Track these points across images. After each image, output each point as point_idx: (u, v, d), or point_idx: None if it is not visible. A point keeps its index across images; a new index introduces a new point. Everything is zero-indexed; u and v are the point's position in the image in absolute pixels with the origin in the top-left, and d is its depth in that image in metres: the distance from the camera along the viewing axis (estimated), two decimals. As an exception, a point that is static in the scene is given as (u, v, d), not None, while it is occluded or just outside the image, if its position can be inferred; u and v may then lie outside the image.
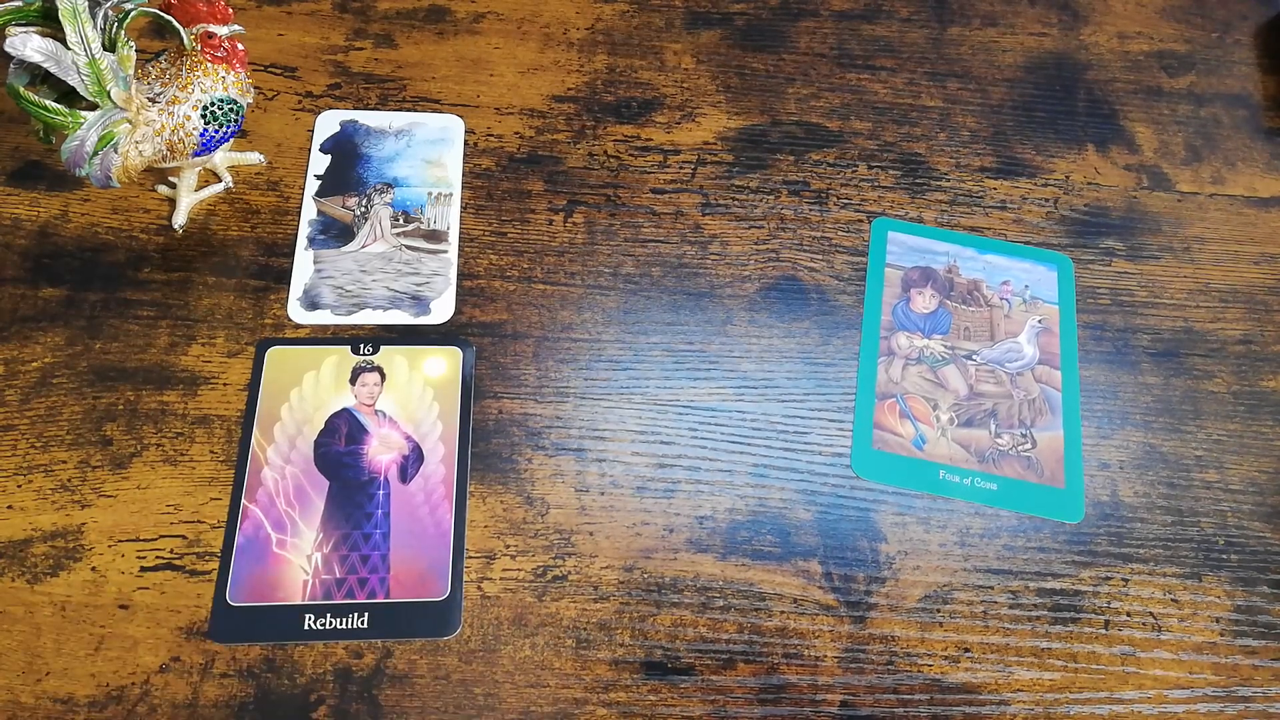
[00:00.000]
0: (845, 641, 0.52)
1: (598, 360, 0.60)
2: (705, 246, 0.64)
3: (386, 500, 0.53)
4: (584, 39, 0.73)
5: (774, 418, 0.58)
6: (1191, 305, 0.64)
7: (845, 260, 0.65)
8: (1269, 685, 0.52)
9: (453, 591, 0.51)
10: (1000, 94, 0.73)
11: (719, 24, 0.75)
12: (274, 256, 0.61)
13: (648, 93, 0.71)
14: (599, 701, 0.50)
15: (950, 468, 0.57)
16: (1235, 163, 0.71)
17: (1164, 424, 0.60)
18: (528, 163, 0.67)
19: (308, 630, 0.50)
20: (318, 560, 0.51)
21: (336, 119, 0.67)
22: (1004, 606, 0.54)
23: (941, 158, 0.69)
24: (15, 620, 0.50)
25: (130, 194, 0.63)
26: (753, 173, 0.68)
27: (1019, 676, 0.52)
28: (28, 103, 0.51)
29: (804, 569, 0.54)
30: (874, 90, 0.72)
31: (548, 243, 0.64)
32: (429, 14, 0.73)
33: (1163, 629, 0.54)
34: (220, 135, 0.58)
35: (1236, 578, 0.55)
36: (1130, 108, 0.73)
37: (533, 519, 0.54)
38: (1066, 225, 0.67)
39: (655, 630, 0.52)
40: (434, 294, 0.61)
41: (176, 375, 0.57)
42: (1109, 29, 0.77)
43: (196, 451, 0.54)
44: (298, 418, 0.56)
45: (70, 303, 0.59)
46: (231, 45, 0.57)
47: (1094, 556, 0.55)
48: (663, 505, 0.55)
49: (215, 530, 0.52)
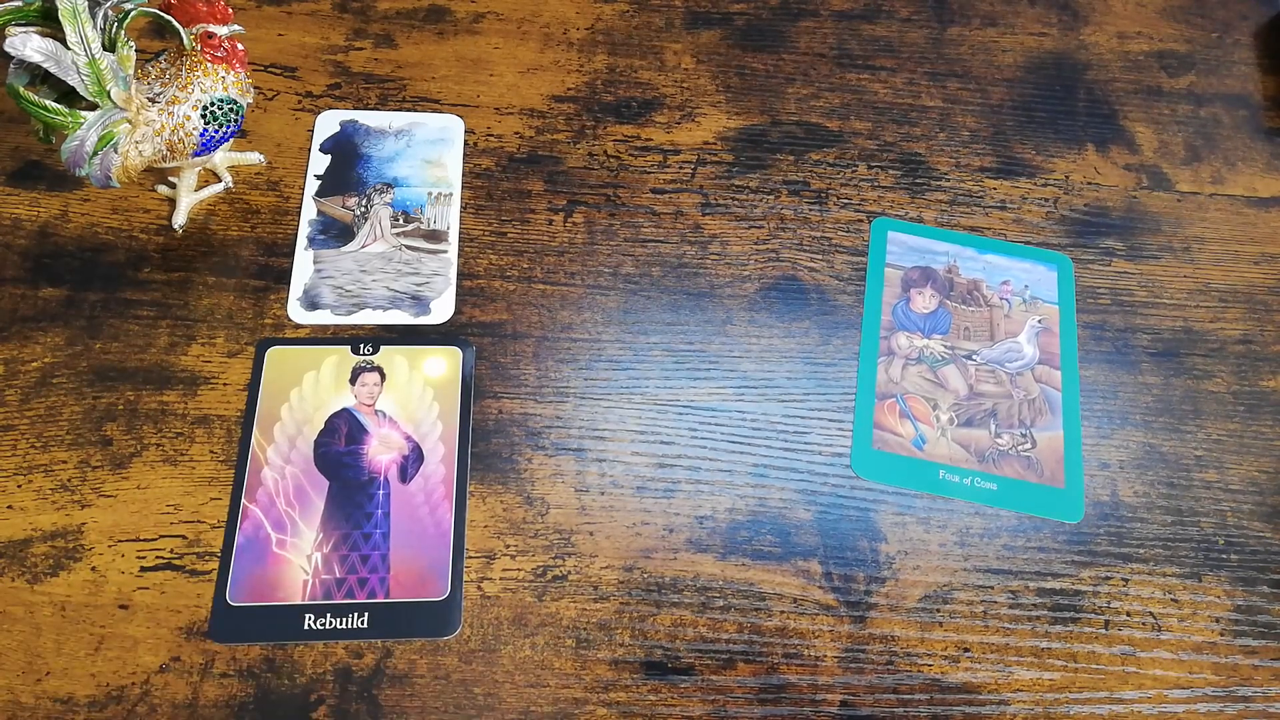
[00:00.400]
0: (845, 641, 0.52)
1: (598, 360, 0.60)
2: (705, 246, 0.64)
3: (386, 500, 0.53)
4: (584, 39, 0.73)
5: (774, 418, 0.58)
6: (1191, 305, 0.64)
7: (845, 260, 0.65)
8: (1269, 685, 0.52)
9: (453, 591, 0.51)
10: (1000, 94, 0.73)
11: (719, 24, 0.75)
12: (274, 256, 0.61)
13: (648, 93, 0.71)
14: (599, 701, 0.50)
15: (950, 468, 0.57)
16: (1235, 163, 0.71)
17: (1164, 424, 0.60)
18: (528, 163, 0.67)
19: (308, 630, 0.50)
20: (318, 560, 0.51)
21: (336, 119, 0.67)
22: (1004, 606, 0.54)
23: (941, 158, 0.69)
24: (15, 620, 0.50)
25: (130, 194, 0.63)
26: (753, 173, 0.68)
27: (1019, 676, 0.52)
28: (28, 103, 0.51)
29: (804, 569, 0.54)
30: (874, 90, 0.72)
31: (548, 243, 0.64)
32: (429, 14, 0.73)
33: (1163, 629, 0.54)
34: (220, 135, 0.58)
35: (1236, 578, 0.55)
36: (1130, 108, 0.73)
37: (533, 519, 0.54)
38: (1066, 225, 0.67)
39: (655, 630, 0.52)
40: (434, 294, 0.61)
41: (176, 375, 0.57)
42: (1109, 29, 0.77)
43: (196, 451, 0.54)
44: (298, 418, 0.56)
45: (70, 303, 0.59)
46: (231, 45, 0.57)
47: (1094, 556, 0.55)
48: (663, 505, 0.55)
49: (215, 530, 0.52)
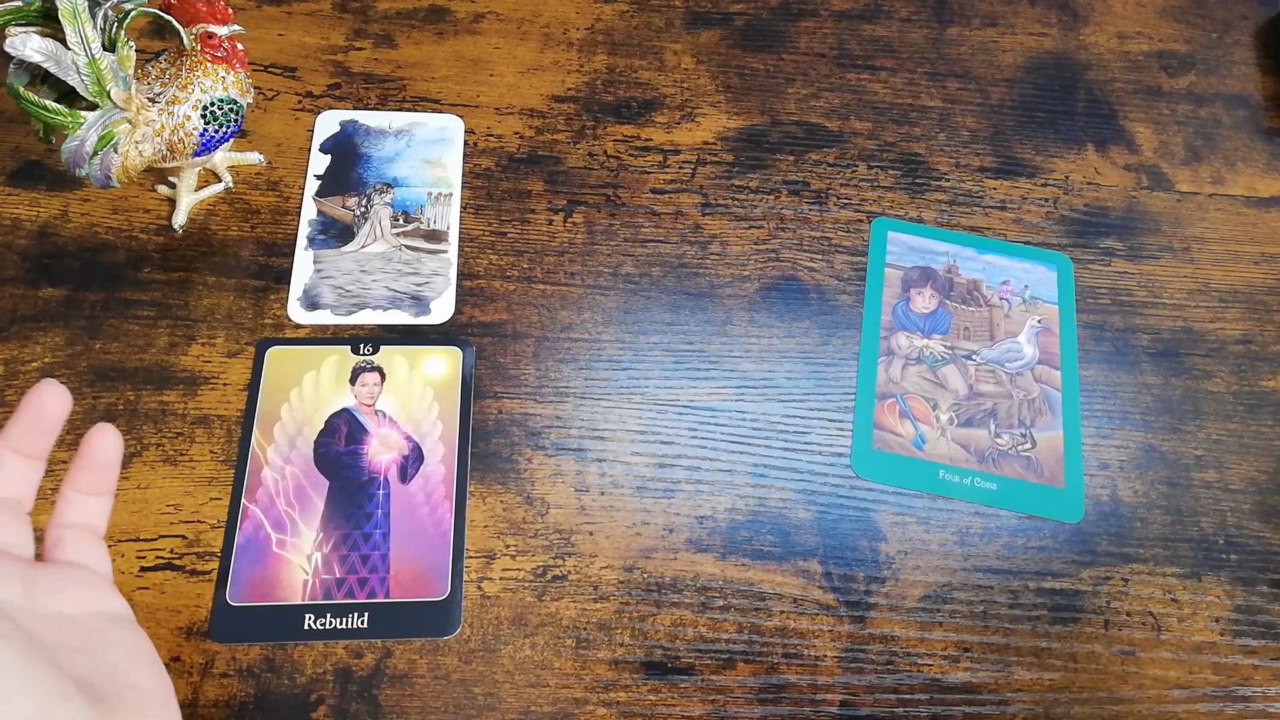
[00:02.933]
0: (845, 641, 0.52)
1: (598, 360, 0.60)
2: (705, 246, 0.64)
3: (386, 500, 0.53)
4: (584, 39, 0.73)
5: (774, 418, 0.58)
6: (1191, 305, 0.64)
7: (845, 260, 0.65)
8: (1269, 685, 0.52)
9: (453, 591, 0.51)
10: (1000, 94, 0.73)
11: (719, 24, 0.75)
12: (274, 256, 0.61)
13: (648, 93, 0.71)
14: (599, 701, 0.50)
15: (950, 468, 0.57)
16: (1235, 163, 0.71)
17: (1164, 424, 0.60)
18: (528, 163, 0.67)
19: (308, 630, 0.50)
20: (318, 560, 0.51)
21: (336, 119, 0.67)
22: (1004, 606, 0.54)
23: (941, 158, 0.69)
24: (15, 620, 0.49)
25: (130, 194, 0.63)
26: (753, 173, 0.68)
27: (1019, 676, 0.52)
28: (28, 103, 0.51)
29: (804, 569, 0.54)
30: (874, 90, 0.72)
31: (548, 243, 0.64)
32: (429, 14, 0.73)
33: (1163, 629, 0.54)
34: (220, 135, 0.58)
35: (1236, 578, 0.55)
36: (1130, 108, 0.73)
37: (533, 519, 0.54)
38: (1066, 225, 0.67)
39: (655, 630, 0.52)
40: (434, 294, 0.61)
41: (176, 375, 0.57)
42: (1109, 29, 0.77)
43: (196, 451, 0.54)
44: (298, 418, 0.56)
45: (70, 303, 0.59)
46: (231, 45, 0.57)
47: (1094, 556, 0.55)
48: (663, 505, 0.55)
49: (215, 530, 0.52)
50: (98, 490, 0.34)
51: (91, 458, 0.33)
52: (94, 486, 0.34)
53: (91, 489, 0.34)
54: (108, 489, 0.34)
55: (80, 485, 0.34)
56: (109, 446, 0.34)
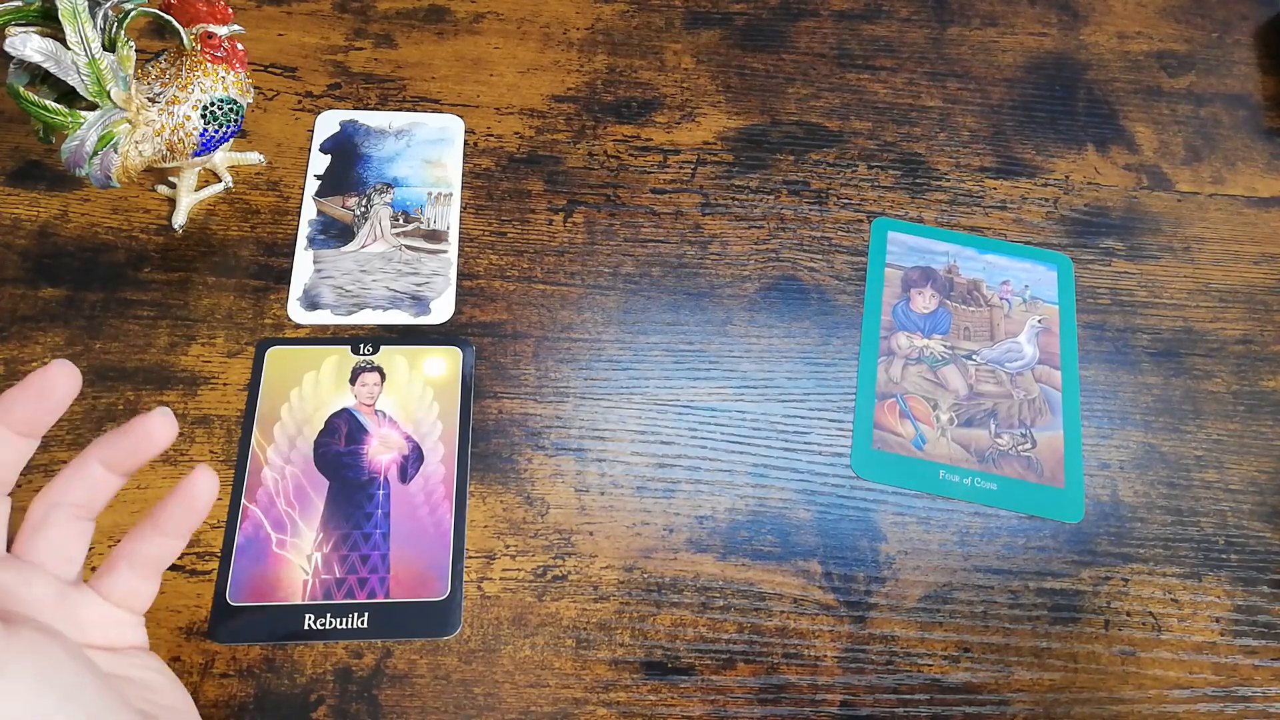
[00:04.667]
0: (845, 641, 0.52)
1: (598, 360, 0.60)
2: (705, 246, 0.64)
3: (386, 500, 0.53)
4: (584, 39, 0.73)
5: (774, 418, 0.58)
6: (1191, 305, 0.64)
7: (845, 260, 0.65)
8: (1269, 685, 0.52)
9: (453, 591, 0.51)
10: (1000, 94, 0.73)
11: (719, 24, 0.75)
12: (274, 256, 0.61)
13: (648, 93, 0.71)
14: (599, 701, 0.50)
15: (950, 468, 0.57)
16: (1235, 163, 0.71)
17: (1164, 424, 0.60)
18: (528, 163, 0.67)
19: (308, 630, 0.50)
20: (318, 560, 0.51)
21: (336, 119, 0.67)
22: (1004, 606, 0.54)
23: (941, 158, 0.69)
24: (15, 620, 0.49)
25: (130, 194, 0.63)
26: (753, 173, 0.68)
27: (1019, 676, 0.52)
28: (28, 103, 0.51)
29: (804, 569, 0.54)
30: (874, 90, 0.72)
31: (548, 243, 0.64)
32: (429, 14, 0.73)
33: (1163, 629, 0.54)
34: (220, 135, 0.58)
35: (1236, 578, 0.55)
36: (1130, 108, 0.73)
37: (533, 519, 0.54)
38: (1066, 225, 0.67)
39: (655, 630, 0.52)
40: (434, 294, 0.61)
41: (176, 375, 0.57)
42: (1109, 29, 0.77)
43: (196, 451, 0.54)
44: (298, 418, 0.56)
45: (70, 303, 0.59)
46: (231, 45, 0.57)
47: (1094, 556, 0.55)
48: (663, 505, 0.55)
49: (215, 530, 0.52)
50: (179, 534, 0.33)
51: (190, 500, 0.33)
52: (180, 528, 0.33)
53: (175, 532, 0.33)
54: (185, 532, 0.34)
55: (164, 525, 0.33)
56: (206, 490, 0.33)
